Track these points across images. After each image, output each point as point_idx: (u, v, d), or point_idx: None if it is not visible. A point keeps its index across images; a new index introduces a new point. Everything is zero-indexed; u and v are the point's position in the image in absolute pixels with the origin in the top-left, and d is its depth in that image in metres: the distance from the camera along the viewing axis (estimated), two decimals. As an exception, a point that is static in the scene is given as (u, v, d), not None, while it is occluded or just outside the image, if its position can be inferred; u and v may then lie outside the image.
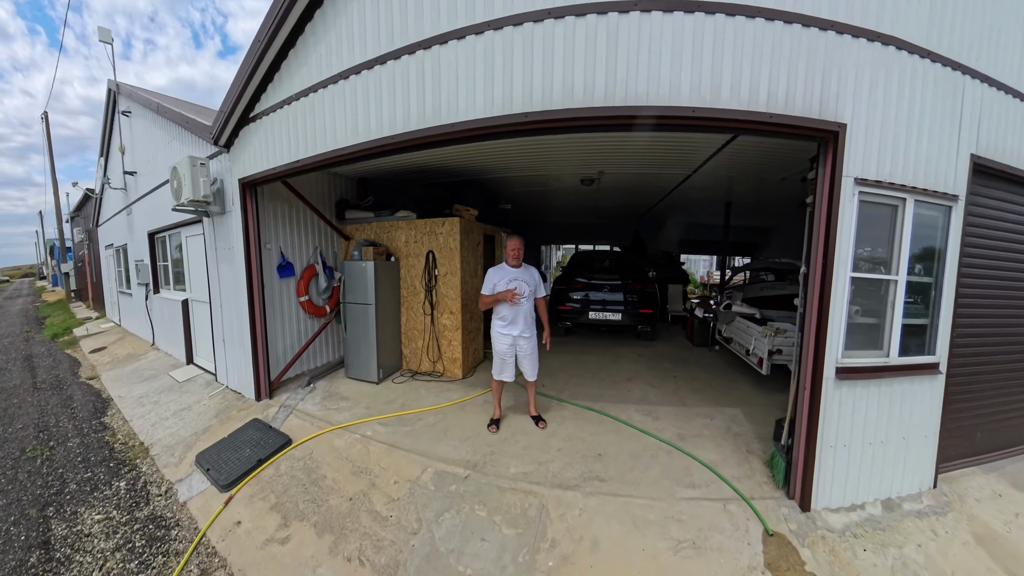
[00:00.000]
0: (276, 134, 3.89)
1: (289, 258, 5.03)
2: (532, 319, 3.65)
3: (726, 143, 3.94)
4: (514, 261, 3.56)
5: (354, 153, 3.22)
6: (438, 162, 4.84)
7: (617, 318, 6.58)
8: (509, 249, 3.54)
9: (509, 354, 3.61)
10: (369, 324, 4.73)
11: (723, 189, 6.60)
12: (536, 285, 3.62)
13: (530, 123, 2.54)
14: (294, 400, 4.61)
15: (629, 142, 4.04)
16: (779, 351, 4.40)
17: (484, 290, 3.57)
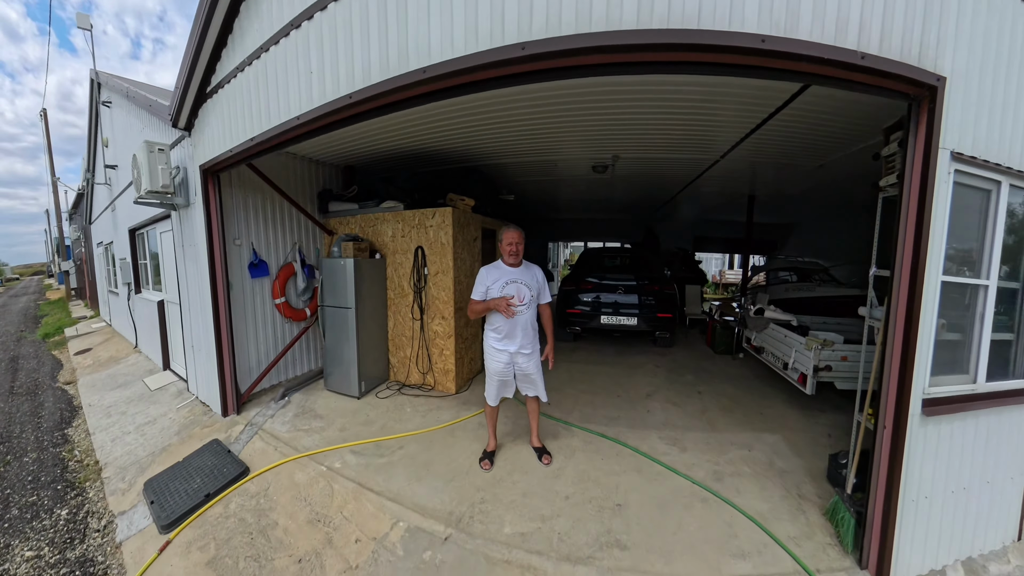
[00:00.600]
0: (232, 109, 3.33)
1: (262, 255, 4.48)
2: (534, 330, 2.98)
3: (783, 105, 3.18)
4: (512, 258, 2.86)
5: (309, 124, 2.62)
6: (429, 146, 4.22)
7: (632, 323, 5.89)
8: (505, 243, 2.84)
9: (506, 374, 2.95)
10: (349, 331, 4.16)
11: (746, 180, 5.87)
12: (539, 288, 2.95)
13: (528, 59, 1.85)
14: (263, 417, 4.08)
15: (655, 111, 3.34)
16: (827, 367, 3.68)
17: (474, 294, 2.89)
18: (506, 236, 2.84)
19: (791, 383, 4.23)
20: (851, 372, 3.76)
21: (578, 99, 3.12)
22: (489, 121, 3.56)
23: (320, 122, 2.56)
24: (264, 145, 3.10)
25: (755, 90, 2.92)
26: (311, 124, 2.61)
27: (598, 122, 3.56)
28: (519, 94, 2.99)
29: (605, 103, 3.19)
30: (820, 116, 3.40)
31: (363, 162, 4.86)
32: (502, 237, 2.86)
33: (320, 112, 2.46)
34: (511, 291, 2.80)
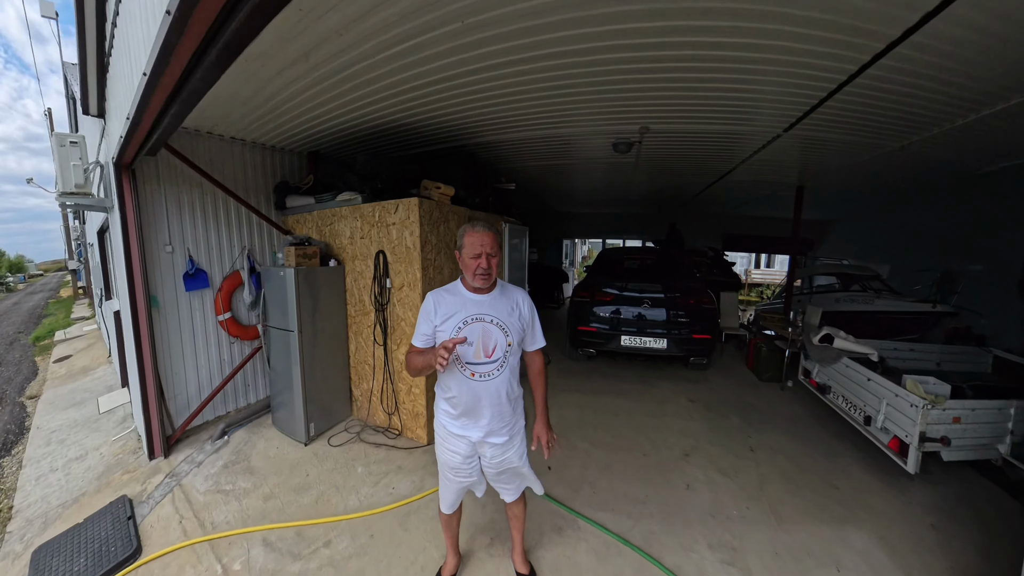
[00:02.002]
0: (117, 77, 2.52)
1: (202, 263, 3.71)
2: (515, 400, 1.82)
3: (881, 53, 2.11)
4: (479, 279, 1.69)
5: (162, 76, 1.73)
6: (408, 120, 3.27)
7: (660, 346, 4.73)
8: (469, 252, 1.68)
9: (465, 471, 1.85)
10: (292, 360, 3.32)
11: (797, 167, 4.65)
12: (526, 326, 1.81)
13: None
14: (190, 464, 3.32)
15: (702, 61, 2.29)
16: (943, 439, 2.54)
17: (415, 338, 1.77)
18: (469, 240, 1.67)
19: (876, 443, 3.09)
20: (972, 439, 2.63)
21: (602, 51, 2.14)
22: (485, 82, 2.60)
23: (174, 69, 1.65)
24: (147, 124, 2.26)
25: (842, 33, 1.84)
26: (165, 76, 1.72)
27: (625, 81, 2.53)
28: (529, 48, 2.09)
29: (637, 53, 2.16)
30: (923, 76, 2.27)
31: (329, 146, 3.99)
32: (463, 242, 1.70)
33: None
34: (471, 335, 1.67)
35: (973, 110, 2.84)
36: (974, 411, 2.66)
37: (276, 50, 2.21)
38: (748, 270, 17.47)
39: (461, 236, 1.71)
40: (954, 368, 4.07)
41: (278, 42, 2.13)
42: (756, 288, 16.12)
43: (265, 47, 2.19)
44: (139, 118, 2.22)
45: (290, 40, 2.10)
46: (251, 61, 2.34)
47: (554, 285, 10.49)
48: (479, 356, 1.69)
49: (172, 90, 1.86)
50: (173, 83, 1.80)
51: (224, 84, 2.64)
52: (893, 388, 2.86)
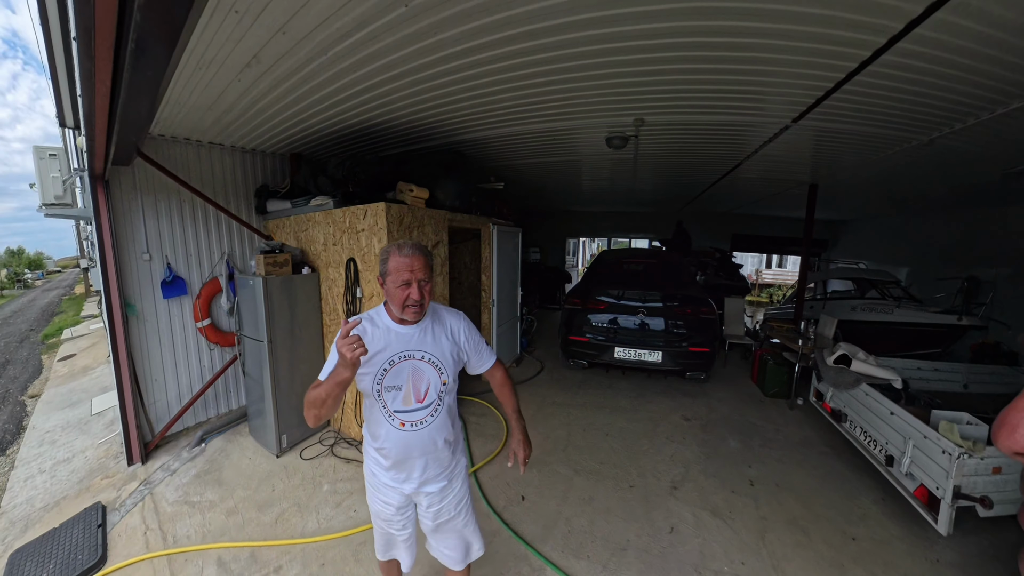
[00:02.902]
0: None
1: (181, 271, 3.65)
2: (454, 443, 1.61)
3: (899, 34, 1.82)
4: (410, 310, 1.40)
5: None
6: (390, 119, 3.06)
7: (656, 359, 4.45)
8: (392, 279, 1.39)
9: (399, 522, 1.63)
10: (263, 371, 3.21)
11: (808, 164, 4.28)
12: (470, 353, 1.59)
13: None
14: (165, 472, 3.29)
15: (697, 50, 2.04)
16: (983, 500, 2.20)
17: (323, 370, 1.42)
18: (395, 265, 1.38)
19: (884, 473, 2.77)
20: (1013, 490, 2.28)
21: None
22: (446, 75, 2.38)
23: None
24: (101, 139, 2.16)
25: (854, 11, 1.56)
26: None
27: (616, 65, 2.27)
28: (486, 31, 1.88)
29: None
30: (948, 62, 1.95)
31: (308, 148, 3.86)
32: (386, 268, 1.41)
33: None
34: (399, 377, 1.43)
35: (1002, 103, 2.48)
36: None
37: (224, 56, 2.08)
38: (758, 270, 16.79)
39: (384, 260, 1.41)
40: (982, 390, 3.68)
41: (225, 47, 1.99)
42: (767, 289, 15.47)
43: (213, 53, 2.06)
44: (91, 133, 2.13)
45: (235, 43, 1.95)
46: (203, 68, 2.22)
47: (556, 286, 10.26)
48: (409, 402, 1.44)
49: (108, 110, 1.74)
50: (106, 104, 1.69)
51: (183, 93, 2.55)
52: (921, 428, 2.49)
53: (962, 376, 3.77)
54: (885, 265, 7.71)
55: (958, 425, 2.54)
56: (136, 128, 2.05)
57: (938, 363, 3.88)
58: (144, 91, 1.58)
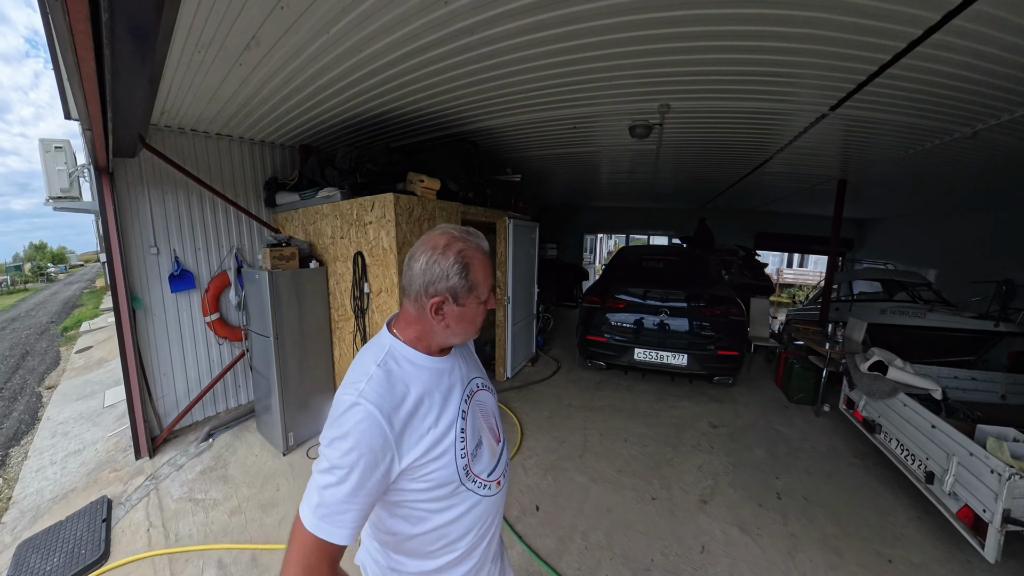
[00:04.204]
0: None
1: (189, 264, 3.60)
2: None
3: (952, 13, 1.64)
4: (439, 334, 0.89)
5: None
6: (404, 108, 2.96)
7: (680, 363, 4.23)
8: (481, 288, 0.86)
9: None
10: (270, 367, 3.13)
11: (838, 159, 4.04)
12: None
13: None
14: (171, 467, 3.25)
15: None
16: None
17: (333, 517, 0.72)
18: (482, 271, 0.86)
19: (922, 490, 2.56)
20: None
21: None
22: (463, 51, 2.24)
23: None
24: (98, 128, 2.08)
25: None
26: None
27: (641, 41, 2.10)
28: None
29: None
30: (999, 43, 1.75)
31: (318, 139, 3.77)
32: (475, 279, 0.84)
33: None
34: (477, 430, 0.93)
35: None
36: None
37: (222, 37, 1.97)
38: (780, 269, 16.35)
39: (464, 270, 0.83)
40: (1022, 401, 3.45)
41: (221, 26, 1.88)
42: (787, 288, 15.05)
43: (210, 35, 1.96)
44: (87, 122, 2.06)
45: (232, 21, 1.84)
46: (201, 52, 2.12)
47: (573, 283, 10.07)
48: (494, 452, 0.97)
49: (98, 92, 1.65)
50: (93, 84, 1.59)
51: (183, 79, 2.46)
52: (967, 444, 2.28)
53: (1000, 386, 3.54)
54: (913, 266, 7.36)
55: (1007, 443, 2.34)
56: (134, 115, 1.95)
57: (975, 372, 3.65)
58: (135, 72, 1.47)
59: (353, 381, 0.80)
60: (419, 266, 0.83)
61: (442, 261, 0.82)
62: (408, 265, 0.86)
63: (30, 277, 27.78)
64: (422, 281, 0.83)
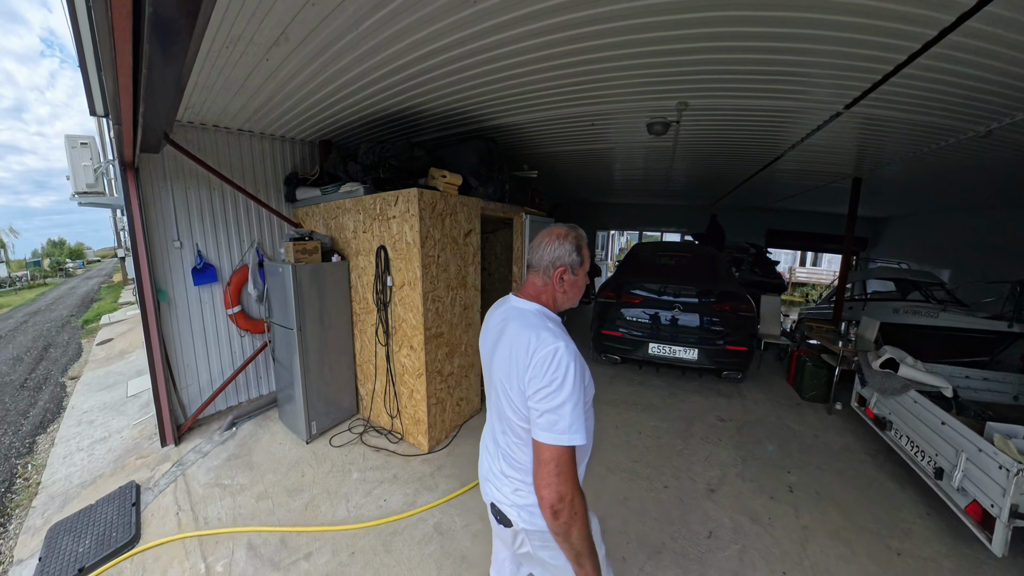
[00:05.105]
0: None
1: (211, 258, 3.70)
2: None
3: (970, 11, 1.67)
4: (559, 298, 1.23)
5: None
6: (424, 104, 3.03)
7: (691, 357, 4.30)
8: (586, 263, 1.24)
9: None
10: (293, 358, 3.22)
11: (852, 156, 4.03)
12: None
13: None
14: (197, 454, 3.35)
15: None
16: None
17: (577, 425, 1.02)
18: (587, 251, 1.25)
19: (932, 486, 2.60)
20: None
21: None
22: (491, 48, 2.29)
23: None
24: (128, 123, 2.15)
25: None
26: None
27: (662, 41, 2.15)
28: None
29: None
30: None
31: (338, 134, 3.84)
32: (583, 255, 1.23)
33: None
34: None
35: None
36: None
37: (252, 32, 2.03)
38: (792, 268, 16.21)
39: (577, 249, 1.18)
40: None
41: (252, 21, 1.94)
42: (800, 288, 14.95)
43: (240, 30, 2.02)
44: (117, 117, 2.12)
45: (263, 16, 1.90)
46: (230, 47, 2.19)
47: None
48: None
49: (132, 87, 1.71)
50: (129, 83, 1.65)
51: (210, 75, 2.53)
52: (976, 440, 2.32)
53: (1013, 387, 3.56)
54: (926, 265, 7.31)
55: (1014, 440, 2.36)
56: (163, 110, 2.01)
57: (987, 372, 3.67)
58: (168, 67, 1.53)
59: (539, 332, 1.07)
60: (548, 249, 1.17)
61: (565, 243, 1.17)
62: (535, 250, 1.20)
63: (49, 272, 28.29)
64: (551, 258, 1.17)
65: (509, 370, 1.10)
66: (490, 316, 1.31)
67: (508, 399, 1.12)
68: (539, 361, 1.02)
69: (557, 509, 0.98)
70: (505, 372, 1.12)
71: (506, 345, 1.13)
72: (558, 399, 0.99)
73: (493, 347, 1.21)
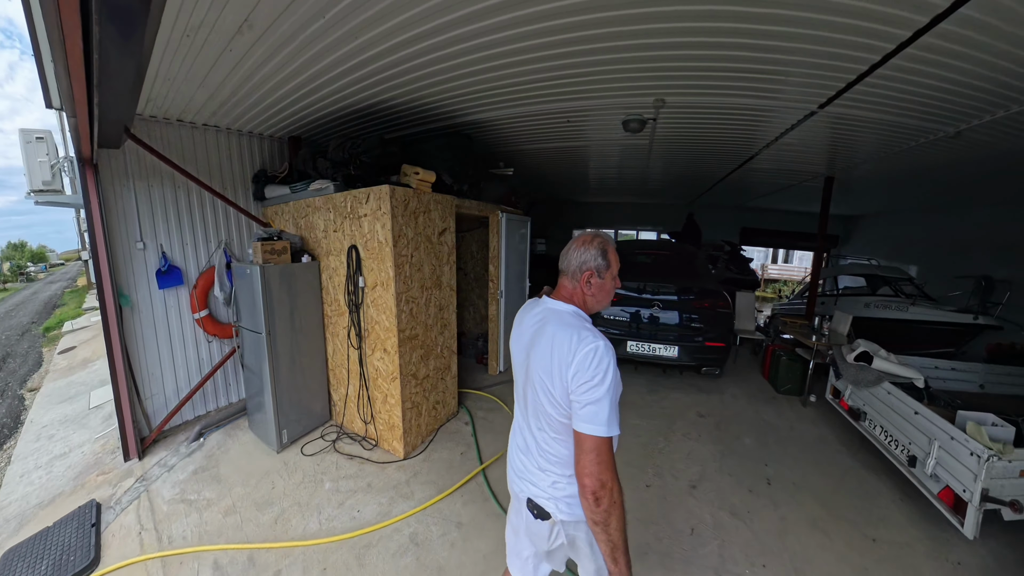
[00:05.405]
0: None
1: (177, 260, 3.53)
2: None
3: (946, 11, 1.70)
4: (588, 301, 1.31)
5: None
6: (397, 100, 2.96)
7: (671, 354, 4.32)
8: (613, 267, 1.29)
9: None
10: (262, 364, 3.09)
11: (825, 155, 4.12)
12: None
13: None
14: (162, 468, 3.18)
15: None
16: (1014, 503, 2.10)
17: (615, 423, 1.13)
18: (614, 256, 1.29)
19: (906, 474, 2.66)
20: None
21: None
22: (482, 48, 2.26)
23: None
24: (83, 115, 2.02)
25: None
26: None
27: (639, 35, 2.12)
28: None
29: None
30: (986, 47, 1.81)
31: (308, 130, 3.72)
32: (610, 259, 1.27)
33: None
34: None
35: None
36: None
37: (213, 19, 1.93)
38: (764, 265, 16.63)
39: (603, 253, 1.24)
40: (999, 391, 3.62)
41: (213, 8, 1.84)
42: (772, 284, 15.33)
43: (201, 15, 1.91)
44: (71, 108, 1.99)
45: (224, 3, 1.80)
46: (191, 35, 2.07)
47: None
48: None
49: (85, 75, 1.59)
50: (80, 65, 1.53)
51: (171, 65, 2.40)
52: (948, 429, 2.38)
53: (979, 376, 3.69)
54: (895, 262, 7.56)
55: (985, 427, 2.44)
56: (121, 101, 1.89)
57: (955, 363, 3.80)
58: (123, 53, 1.42)
59: (579, 332, 1.14)
60: (576, 254, 1.25)
61: (591, 248, 1.24)
62: (565, 255, 1.28)
63: (9, 277, 26.89)
64: (578, 262, 1.24)
65: (551, 367, 1.16)
66: (523, 316, 1.39)
67: (548, 395, 1.17)
68: (582, 357, 1.10)
69: (599, 496, 1.07)
70: (546, 369, 1.17)
71: (546, 344, 1.19)
72: (599, 392, 1.08)
73: (529, 346, 1.27)
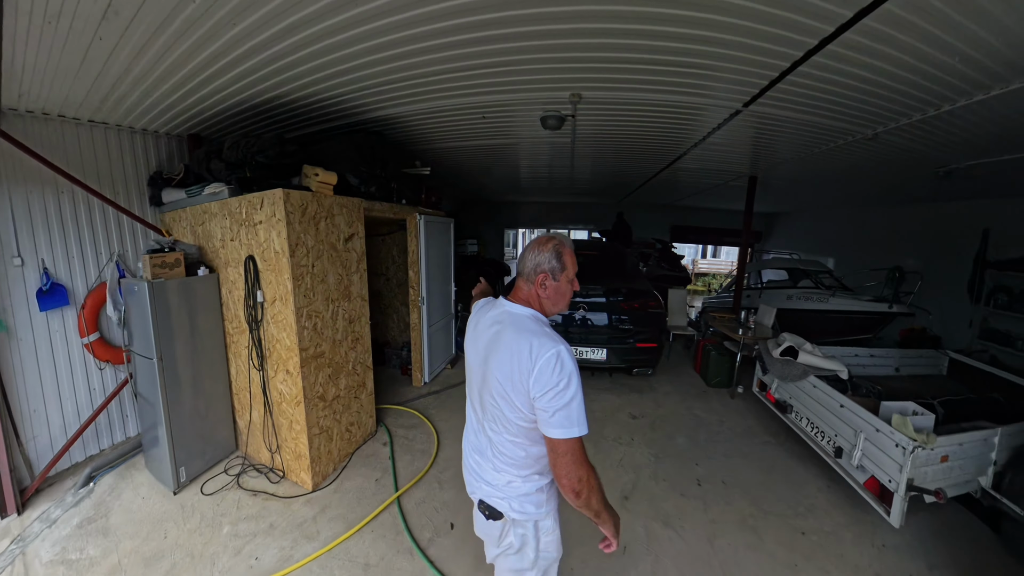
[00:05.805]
0: None
1: (60, 277, 3.08)
2: None
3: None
4: (544, 303, 1.33)
5: None
6: (302, 96, 2.74)
7: (600, 357, 4.26)
8: (569, 270, 1.31)
9: None
10: (155, 393, 2.74)
11: (749, 156, 4.28)
12: None
13: None
14: (43, 524, 2.71)
15: None
16: (939, 493, 2.19)
17: (584, 420, 1.17)
18: (569, 258, 1.30)
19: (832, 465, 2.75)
20: (957, 476, 2.31)
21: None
22: (382, 33, 2.06)
23: None
24: None
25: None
26: None
27: (554, 27, 2.02)
28: None
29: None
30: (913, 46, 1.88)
31: (211, 127, 3.37)
32: (564, 262, 1.28)
33: None
34: None
35: (950, 99, 2.48)
36: (961, 446, 2.32)
37: (73, 5, 1.69)
38: (695, 260, 17.56)
39: (558, 256, 1.26)
40: (912, 372, 3.89)
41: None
42: (702, 278, 16.16)
43: (59, 3, 1.67)
44: None
45: None
46: (52, 21, 1.80)
47: (495, 279, 10.11)
48: None
49: None
50: None
51: (37, 56, 2.09)
52: (874, 421, 2.45)
53: (894, 360, 3.94)
54: (814, 255, 8.09)
55: (909, 417, 2.55)
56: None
57: (873, 349, 4.04)
58: None
59: (538, 338, 1.15)
60: (531, 256, 1.27)
61: (545, 251, 1.26)
62: (522, 258, 1.31)
63: None
64: (533, 264, 1.26)
65: (511, 373, 1.17)
66: (478, 318, 1.39)
67: (508, 401, 1.19)
68: (543, 364, 1.11)
69: (578, 490, 1.13)
70: (506, 375, 1.18)
71: (505, 349, 1.20)
72: (566, 397, 1.10)
73: (487, 350, 1.27)
